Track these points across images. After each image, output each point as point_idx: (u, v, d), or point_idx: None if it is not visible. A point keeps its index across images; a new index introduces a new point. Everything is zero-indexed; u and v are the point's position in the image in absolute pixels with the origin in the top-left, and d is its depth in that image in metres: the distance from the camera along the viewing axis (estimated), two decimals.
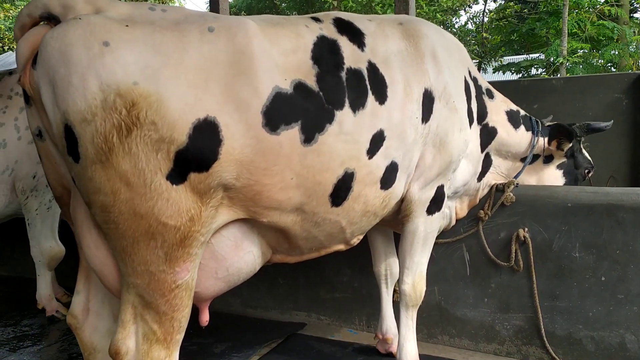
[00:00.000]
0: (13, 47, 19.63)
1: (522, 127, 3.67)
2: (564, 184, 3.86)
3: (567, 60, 13.67)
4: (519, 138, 3.66)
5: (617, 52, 13.79)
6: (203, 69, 2.04)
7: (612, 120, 3.93)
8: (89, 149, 1.91)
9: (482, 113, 3.39)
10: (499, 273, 3.64)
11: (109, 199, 1.96)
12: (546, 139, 3.72)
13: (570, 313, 3.45)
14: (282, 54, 2.26)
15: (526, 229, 3.50)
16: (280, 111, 2.17)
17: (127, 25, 1.97)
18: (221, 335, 4.02)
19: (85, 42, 1.88)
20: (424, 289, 3.18)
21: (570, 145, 3.71)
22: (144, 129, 1.92)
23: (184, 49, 2.02)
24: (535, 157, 3.78)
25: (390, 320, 3.65)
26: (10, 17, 21.41)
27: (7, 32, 20.82)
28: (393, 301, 3.71)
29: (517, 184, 3.60)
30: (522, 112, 3.74)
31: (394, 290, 3.75)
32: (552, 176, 3.86)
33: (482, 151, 3.46)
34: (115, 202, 1.96)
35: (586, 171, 3.93)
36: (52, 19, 2.03)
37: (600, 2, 15.08)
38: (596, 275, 3.37)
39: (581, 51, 14.58)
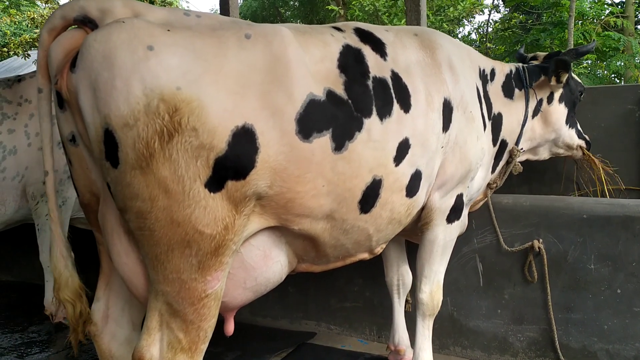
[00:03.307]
0: (18, 52, 19.63)
1: (516, 92, 3.55)
2: (567, 115, 3.79)
3: (573, 71, 13.68)
4: (518, 105, 3.56)
5: (622, 64, 13.80)
6: (241, 76, 2.03)
7: (595, 42, 4.06)
8: (129, 154, 1.89)
9: (490, 107, 3.34)
10: (513, 284, 3.61)
11: (146, 205, 1.93)
12: (540, 80, 3.61)
13: (585, 325, 3.42)
14: (313, 62, 2.28)
15: (541, 240, 3.48)
16: (312, 119, 2.18)
17: (168, 30, 1.96)
18: (230, 344, 3.98)
19: (130, 46, 1.87)
20: (441, 298, 3.17)
21: (568, 74, 3.62)
22: (185, 135, 1.90)
23: (224, 55, 2.02)
24: (539, 104, 3.69)
25: (403, 331, 3.62)
26: (16, 23, 21.47)
27: (12, 37, 20.86)
28: (405, 311, 3.69)
29: (521, 149, 3.59)
30: (513, 70, 3.60)
31: (406, 301, 3.73)
32: (559, 112, 3.77)
33: (494, 145, 3.39)
34: (153, 208, 1.94)
35: (580, 93, 3.89)
36: (87, 23, 2.03)
37: (605, 13, 15.11)
38: (612, 288, 3.34)
39: (586, 62, 14.60)
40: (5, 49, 20.75)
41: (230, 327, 2.52)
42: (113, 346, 2.48)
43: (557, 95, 3.74)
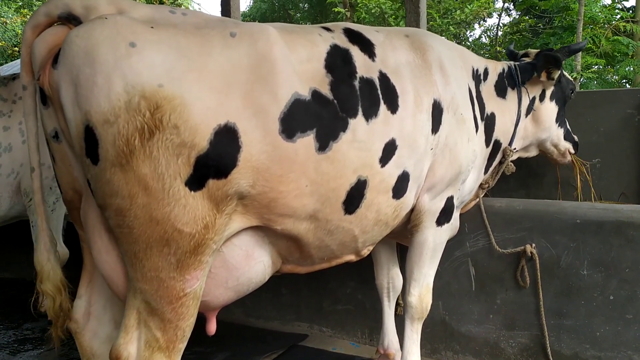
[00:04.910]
0: None
1: (509, 91, 3.52)
2: (557, 112, 3.76)
3: (581, 75, 13.59)
4: (511, 104, 3.53)
5: (632, 68, 13.67)
6: (225, 74, 2.03)
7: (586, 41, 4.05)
8: (109, 151, 1.88)
9: (482, 108, 3.30)
10: (505, 289, 3.58)
11: (125, 202, 1.93)
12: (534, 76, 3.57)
13: (577, 332, 3.38)
14: (299, 61, 2.27)
15: (534, 245, 3.44)
16: (297, 118, 2.17)
17: (152, 27, 1.96)
18: (222, 345, 3.98)
19: (112, 42, 1.86)
20: (430, 301, 3.14)
21: (559, 71, 3.60)
22: (166, 132, 1.89)
23: (208, 53, 2.02)
24: (532, 103, 3.66)
25: (392, 334, 3.60)
26: None
27: None
28: (396, 315, 3.66)
29: (514, 149, 3.57)
30: (506, 68, 3.57)
31: (397, 304, 3.70)
32: (550, 110, 3.74)
33: (487, 145, 3.36)
34: (132, 206, 1.93)
35: (571, 92, 3.87)
36: (71, 20, 2.02)
37: (615, 18, 14.99)
38: (604, 294, 3.30)
39: (596, 67, 14.48)
40: (16, 49, 20.93)
41: (212, 327, 2.51)
42: (94, 344, 2.48)
43: (548, 92, 3.71)
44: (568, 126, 3.97)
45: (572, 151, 4.00)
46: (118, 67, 1.85)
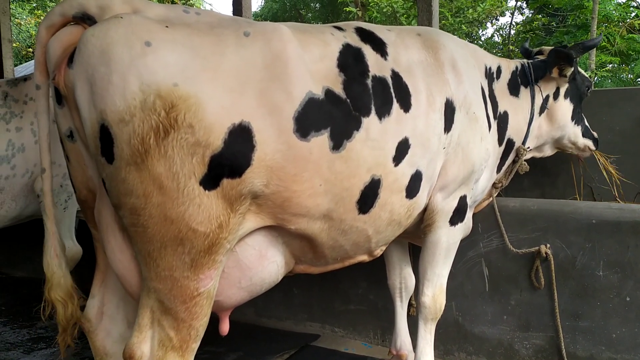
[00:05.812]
0: None
1: (522, 89, 3.48)
2: (573, 110, 3.70)
3: (596, 74, 13.45)
4: (524, 102, 3.48)
5: None
6: (239, 73, 2.03)
7: (601, 36, 4.43)
8: (124, 150, 1.89)
9: (495, 107, 3.28)
10: (519, 290, 3.54)
11: (140, 201, 1.93)
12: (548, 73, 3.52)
13: (592, 334, 3.33)
14: (312, 60, 2.26)
15: (548, 246, 3.40)
16: (311, 117, 2.16)
17: (167, 26, 1.96)
18: (234, 345, 3.98)
19: (127, 41, 1.87)
20: (444, 302, 3.12)
21: (572, 69, 3.54)
22: (181, 131, 1.89)
23: (222, 52, 2.02)
24: (545, 101, 3.60)
25: (405, 335, 3.58)
26: None
27: None
28: (408, 315, 3.63)
29: (528, 147, 3.52)
30: (519, 66, 3.53)
31: (410, 304, 3.67)
32: (565, 108, 3.68)
33: (500, 144, 3.33)
34: (147, 205, 1.93)
35: (587, 89, 3.82)
36: (86, 20, 2.03)
37: (630, 15, 14.82)
38: (620, 295, 3.25)
39: (610, 65, 14.32)
40: (30, 50, 21.15)
41: (225, 327, 2.51)
42: (107, 343, 2.49)
43: (562, 90, 3.65)
44: (586, 123, 3.91)
45: (593, 148, 3.95)
46: (133, 66, 1.86)
